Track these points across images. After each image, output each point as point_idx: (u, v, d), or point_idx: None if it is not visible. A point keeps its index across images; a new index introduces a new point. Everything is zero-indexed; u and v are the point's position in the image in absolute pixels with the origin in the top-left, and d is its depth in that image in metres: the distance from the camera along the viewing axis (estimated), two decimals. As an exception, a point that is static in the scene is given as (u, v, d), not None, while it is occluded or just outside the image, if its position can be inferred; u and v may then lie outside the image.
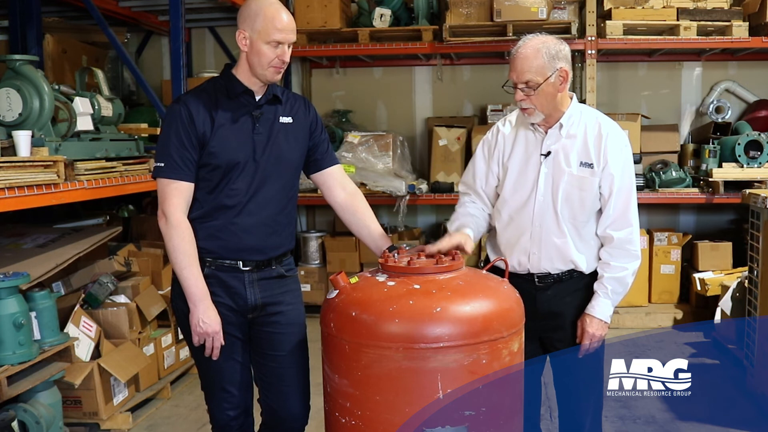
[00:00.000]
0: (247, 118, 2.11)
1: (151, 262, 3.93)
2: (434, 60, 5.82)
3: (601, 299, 2.11)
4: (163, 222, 2.06)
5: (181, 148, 2.03)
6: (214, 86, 2.13)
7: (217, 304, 2.09)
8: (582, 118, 2.14)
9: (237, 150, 2.08)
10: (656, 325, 5.00)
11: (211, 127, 2.05)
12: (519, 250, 2.16)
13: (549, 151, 2.13)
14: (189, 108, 2.05)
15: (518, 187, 2.17)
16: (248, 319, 2.19)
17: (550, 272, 2.15)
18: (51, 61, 4.24)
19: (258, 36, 2.02)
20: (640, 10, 4.99)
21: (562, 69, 2.05)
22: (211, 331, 2.05)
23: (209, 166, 2.07)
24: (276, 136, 2.14)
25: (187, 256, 2.04)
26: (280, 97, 2.17)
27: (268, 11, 2.01)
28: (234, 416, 2.22)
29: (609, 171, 2.08)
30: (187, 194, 2.07)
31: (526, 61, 2.04)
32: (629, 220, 2.11)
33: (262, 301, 2.17)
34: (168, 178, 2.05)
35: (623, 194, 2.10)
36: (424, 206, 5.93)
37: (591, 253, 2.15)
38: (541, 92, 2.05)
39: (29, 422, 2.72)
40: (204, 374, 2.23)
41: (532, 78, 2.04)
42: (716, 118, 5.47)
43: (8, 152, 2.86)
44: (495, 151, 2.24)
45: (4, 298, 2.65)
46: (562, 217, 2.11)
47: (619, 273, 2.10)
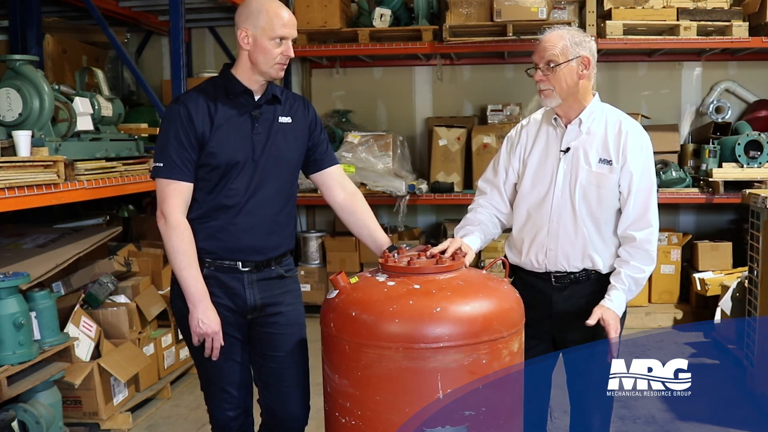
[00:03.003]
0: (247, 118, 2.10)
1: (151, 262, 3.93)
2: (434, 60, 5.82)
3: (617, 291, 2.07)
4: (162, 222, 2.05)
5: (180, 149, 2.03)
6: (213, 86, 2.13)
7: (216, 304, 2.09)
8: (603, 116, 2.15)
9: (236, 150, 2.07)
10: (656, 325, 5.00)
11: (210, 127, 2.05)
12: (536, 246, 2.16)
13: (568, 147, 2.14)
14: (188, 108, 2.04)
15: (537, 182, 2.18)
16: (248, 320, 2.19)
17: (567, 270, 2.14)
18: (51, 61, 4.24)
19: (262, 33, 2.02)
20: (640, 10, 4.99)
21: (584, 57, 2.07)
22: (211, 331, 2.05)
23: (208, 166, 2.07)
24: (275, 135, 2.13)
25: (186, 257, 2.04)
26: (279, 97, 2.17)
27: (271, 8, 2.02)
28: (234, 416, 2.22)
29: (628, 169, 2.08)
30: (186, 194, 2.06)
31: (549, 41, 2.08)
32: (649, 220, 2.09)
33: (261, 302, 2.17)
34: (167, 179, 2.04)
35: (643, 194, 2.08)
36: (424, 206, 5.93)
37: (609, 252, 2.14)
38: (560, 73, 2.06)
39: (29, 422, 2.72)
40: (204, 375, 2.23)
41: (552, 57, 2.06)
42: (716, 118, 5.47)
43: (8, 152, 2.86)
44: (517, 147, 2.25)
45: (4, 298, 2.65)
46: (579, 214, 2.11)
47: (637, 274, 2.08)
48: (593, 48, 2.11)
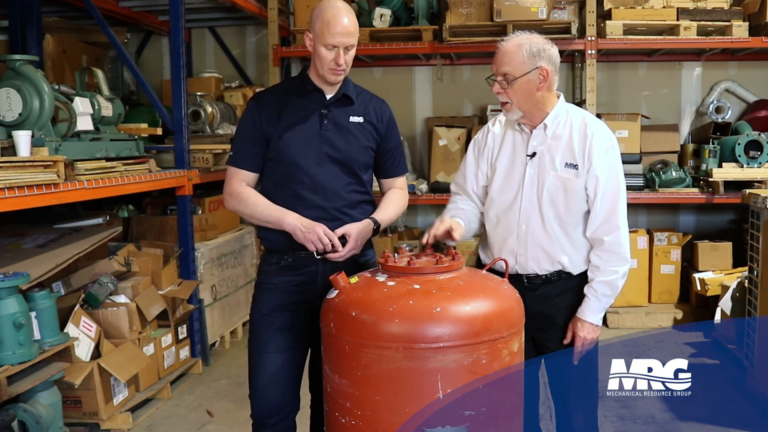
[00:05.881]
0: (316, 116, 2.19)
1: (151, 262, 3.92)
2: (434, 60, 5.83)
3: (591, 302, 2.10)
4: (228, 199, 2.24)
5: (246, 141, 2.21)
6: (289, 84, 2.28)
7: (291, 285, 2.19)
8: (568, 118, 2.13)
9: (302, 146, 2.16)
10: (656, 325, 5.00)
11: (278, 123, 2.17)
12: (506, 251, 2.16)
13: (534, 152, 2.13)
14: (259, 104, 2.21)
15: (505, 187, 2.17)
16: (315, 306, 2.16)
17: (538, 273, 2.15)
18: (51, 61, 4.25)
19: (317, 38, 2.11)
20: (640, 10, 4.99)
21: (542, 68, 2.05)
22: (316, 229, 2.08)
23: (274, 160, 2.19)
24: (344, 134, 2.20)
25: (259, 205, 2.17)
26: (351, 97, 2.23)
27: (326, 15, 2.09)
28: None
29: (594, 172, 2.06)
30: (248, 181, 2.23)
31: (506, 54, 2.07)
32: (617, 222, 2.07)
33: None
34: (233, 166, 2.24)
35: (609, 196, 2.07)
36: (424, 206, 5.93)
37: (579, 254, 2.14)
38: (517, 87, 2.06)
39: (29, 422, 2.71)
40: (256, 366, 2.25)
41: (509, 71, 2.06)
42: (716, 118, 5.48)
43: (8, 152, 2.86)
44: (485, 150, 2.25)
45: (4, 298, 2.65)
46: (547, 219, 2.10)
47: (608, 276, 2.08)
48: (553, 55, 2.09)
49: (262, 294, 2.24)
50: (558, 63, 2.11)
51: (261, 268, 2.29)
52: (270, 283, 2.23)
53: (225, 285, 4.69)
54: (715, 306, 4.37)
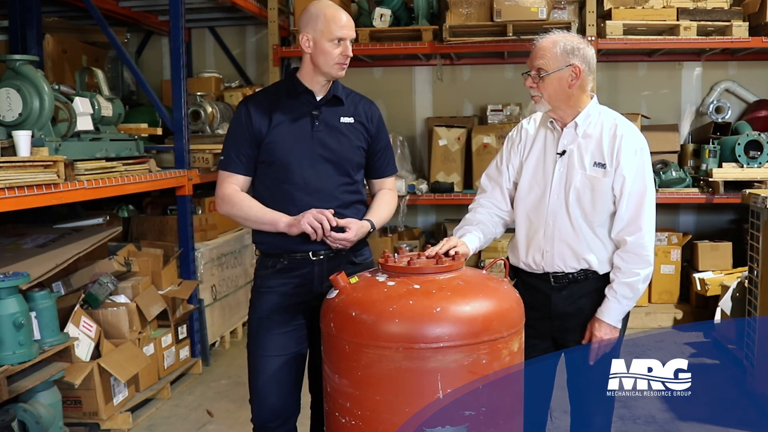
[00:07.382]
0: (306, 118, 2.20)
1: (151, 262, 3.92)
2: (434, 60, 5.82)
3: (610, 303, 2.10)
4: (219, 203, 2.23)
5: (236, 145, 2.21)
6: (278, 87, 2.28)
7: (288, 288, 2.19)
8: (600, 119, 2.14)
9: (293, 147, 2.17)
10: (656, 325, 5.00)
11: (268, 125, 2.18)
12: (534, 247, 2.18)
13: (564, 150, 2.14)
14: (249, 108, 2.21)
15: (534, 185, 2.19)
16: (313, 307, 2.17)
17: (565, 271, 2.15)
18: (51, 61, 4.25)
19: (321, 36, 2.13)
20: (640, 10, 4.99)
21: (575, 66, 2.06)
22: (308, 212, 2.07)
23: (266, 162, 2.20)
24: (336, 134, 2.21)
25: (255, 205, 2.17)
26: (341, 98, 2.25)
27: (328, 12, 2.14)
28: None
29: (621, 173, 2.07)
30: (240, 184, 2.23)
31: (541, 49, 2.09)
32: (640, 224, 2.07)
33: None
34: (224, 170, 2.24)
35: (635, 198, 2.08)
36: (424, 206, 5.93)
37: (606, 253, 2.14)
38: (548, 82, 2.08)
39: (29, 422, 2.72)
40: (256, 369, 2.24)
41: (542, 65, 2.08)
42: (716, 118, 5.47)
43: (8, 152, 2.86)
44: (518, 146, 2.27)
45: (4, 298, 2.65)
46: (574, 216, 2.11)
47: (630, 278, 2.08)
48: (588, 55, 2.10)
49: (260, 298, 2.24)
50: (593, 64, 2.12)
51: (257, 272, 2.29)
52: (267, 286, 2.23)
53: (225, 285, 4.69)
54: (715, 306, 4.37)
